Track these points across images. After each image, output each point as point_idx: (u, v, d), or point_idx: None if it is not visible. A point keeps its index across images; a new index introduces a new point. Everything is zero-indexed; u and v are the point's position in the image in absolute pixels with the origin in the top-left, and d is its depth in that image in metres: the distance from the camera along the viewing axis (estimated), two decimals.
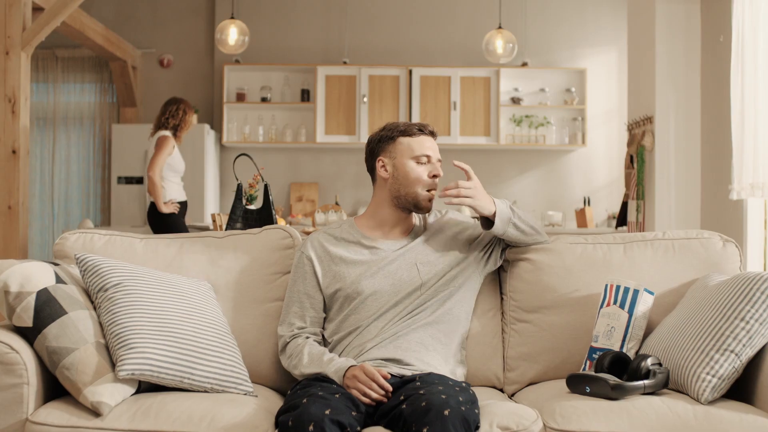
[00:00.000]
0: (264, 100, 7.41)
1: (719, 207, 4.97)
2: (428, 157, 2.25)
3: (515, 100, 7.37)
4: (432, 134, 2.30)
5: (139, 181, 7.03)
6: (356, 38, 7.53)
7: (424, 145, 2.26)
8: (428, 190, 2.25)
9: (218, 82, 7.51)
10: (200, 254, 2.37)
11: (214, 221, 4.32)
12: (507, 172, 7.55)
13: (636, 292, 2.17)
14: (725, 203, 4.82)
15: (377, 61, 7.44)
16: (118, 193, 7.04)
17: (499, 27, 6.27)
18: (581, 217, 7.18)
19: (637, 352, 2.17)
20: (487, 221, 2.23)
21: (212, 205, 7.27)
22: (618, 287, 2.20)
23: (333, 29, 7.60)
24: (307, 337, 2.18)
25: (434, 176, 2.26)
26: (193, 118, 5.65)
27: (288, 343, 2.18)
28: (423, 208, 2.26)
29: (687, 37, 5.25)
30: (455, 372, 2.21)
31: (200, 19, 7.73)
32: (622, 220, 5.98)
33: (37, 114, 7.69)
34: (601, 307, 2.23)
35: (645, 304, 2.18)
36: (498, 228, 2.21)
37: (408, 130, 2.27)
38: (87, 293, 2.08)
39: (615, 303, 2.19)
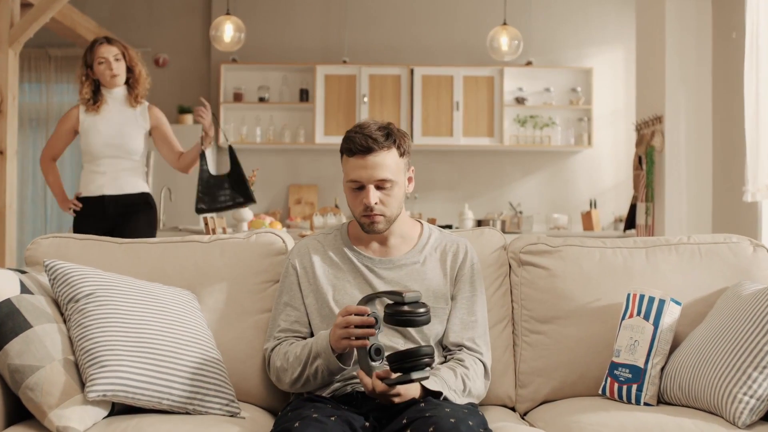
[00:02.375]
0: (262, 100, 7.25)
1: (732, 209, 4.82)
2: (357, 182, 1.92)
3: (519, 100, 7.20)
4: (366, 150, 1.89)
5: None
6: (356, 36, 7.36)
7: (354, 168, 1.92)
8: (366, 215, 1.95)
9: (215, 81, 7.35)
10: (184, 260, 2.17)
11: (206, 224, 4.13)
12: (511, 174, 7.38)
13: (662, 302, 1.98)
14: (738, 205, 4.68)
15: (378, 60, 7.27)
16: None
17: (504, 23, 6.09)
18: (587, 220, 7.02)
19: (662, 369, 1.98)
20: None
21: None
22: (642, 296, 2.01)
23: (332, 27, 7.43)
24: (291, 344, 1.96)
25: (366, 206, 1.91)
26: (104, 53, 3.76)
27: (272, 353, 1.98)
28: (368, 232, 1.98)
29: (698, 34, 5.12)
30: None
31: (196, 18, 7.57)
32: (630, 223, 5.83)
33: (30, 114, 7.51)
34: (623, 318, 2.04)
35: (672, 315, 1.98)
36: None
37: (344, 146, 1.94)
38: (57, 304, 1.89)
39: (638, 314, 2.00)
